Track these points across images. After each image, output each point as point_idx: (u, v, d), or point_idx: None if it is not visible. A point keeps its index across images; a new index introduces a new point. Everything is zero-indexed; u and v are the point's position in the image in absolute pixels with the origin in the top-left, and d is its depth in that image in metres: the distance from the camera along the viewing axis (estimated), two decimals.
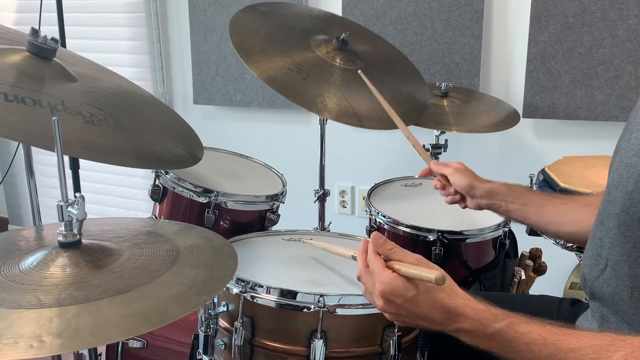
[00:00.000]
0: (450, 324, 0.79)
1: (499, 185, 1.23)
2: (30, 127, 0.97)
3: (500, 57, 2.05)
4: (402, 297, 0.80)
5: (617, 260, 0.86)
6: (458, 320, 0.79)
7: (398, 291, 0.80)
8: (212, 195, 1.44)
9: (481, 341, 0.78)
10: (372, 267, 0.84)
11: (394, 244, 0.84)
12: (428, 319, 0.80)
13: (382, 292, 0.81)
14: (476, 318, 0.78)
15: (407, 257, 0.82)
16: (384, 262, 0.83)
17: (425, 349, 1.16)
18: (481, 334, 0.78)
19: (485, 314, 0.78)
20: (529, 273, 1.59)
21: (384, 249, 0.84)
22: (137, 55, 2.55)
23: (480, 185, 1.23)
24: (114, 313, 0.74)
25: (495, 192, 1.22)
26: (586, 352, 0.72)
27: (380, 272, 0.81)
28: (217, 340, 1.11)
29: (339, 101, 1.47)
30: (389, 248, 0.84)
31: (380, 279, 0.81)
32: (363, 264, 0.86)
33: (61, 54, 1.20)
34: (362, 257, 0.87)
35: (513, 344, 0.77)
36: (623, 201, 0.84)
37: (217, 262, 0.91)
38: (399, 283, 0.79)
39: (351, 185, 2.39)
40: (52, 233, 0.90)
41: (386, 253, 0.84)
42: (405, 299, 0.79)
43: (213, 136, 1.73)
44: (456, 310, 0.79)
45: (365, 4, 2.12)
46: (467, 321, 0.78)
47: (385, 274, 0.81)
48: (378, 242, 0.84)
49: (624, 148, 0.88)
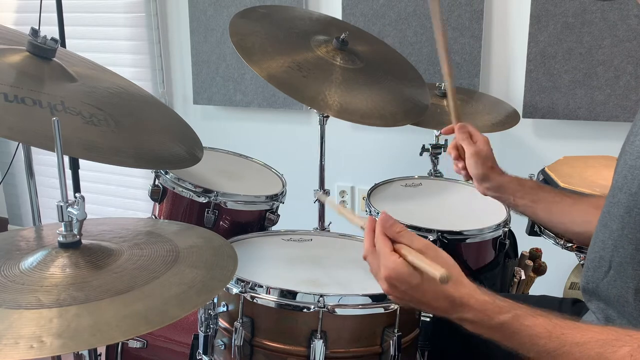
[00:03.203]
0: (454, 312, 0.79)
1: (510, 180, 1.22)
2: (30, 127, 0.97)
3: (500, 57, 2.05)
4: (406, 283, 0.79)
5: (621, 262, 0.85)
6: (462, 310, 0.78)
7: (403, 277, 0.78)
8: (212, 195, 1.44)
9: (485, 331, 0.78)
10: (379, 248, 0.82)
11: (402, 226, 0.83)
12: (432, 306, 0.80)
13: (387, 277, 0.80)
14: (481, 309, 0.77)
15: (415, 242, 0.81)
16: (391, 245, 0.81)
17: (425, 349, 1.16)
18: (485, 325, 0.77)
19: (490, 305, 0.78)
20: (529, 273, 1.59)
21: (392, 231, 0.82)
22: (137, 56, 2.55)
23: (492, 178, 1.21)
24: (114, 313, 0.74)
25: (504, 187, 1.21)
26: (591, 346, 0.72)
27: (386, 255, 0.80)
28: (217, 341, 1.11)
29: (339, 98, 1.48)
30: (397, 231, 0.82)
31: (386, 264, 0.80)
32: (370, 243, 0.84)
33: (61, 54, 1.20)
34: (369, 236, 0.85)
35: (517, 336, 0.76)
36: (627, 203, 0.84)
37: (217, 262, 0.91)
38: (404, 269, 0.78)
39: (351, 185, 2.39)
40: (52, 233, 0.90)
41: (394, 235, 0.82)
42: (410, 285, 0.79)
43: (213, 136, 1.72)
44: (461, 300, 0.78)
45: (365, 4, 2.12)
46: (471, 312, 0.78)
47: (392, 259, 0.79)
48: (387, 223, 0.82)
49: (629, 150, 0.88)
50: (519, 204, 1.21)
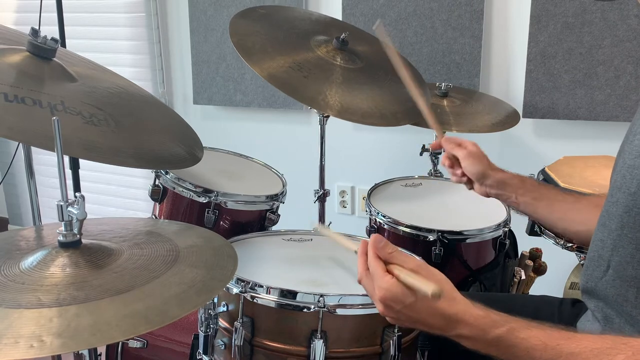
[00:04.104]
0: (450, 330, 0.79)
1: (511, 177, 1.20)
2: (30, 127, 0.97)
3: (500, 57, 2.05)
4: (401, 303, 0.79)
5: (620, 262, 0.85)
6: (458, 327, 0.79)
7: (397, 297, 0.79)
8: (212, 195, 1.44)
9: (481, 347, 0.78)
10: (372, 271, 0.83)
11: (394, 247, 0.83)
12: (427, 324, 0.80)
13: (382, 298, 0.80)
14: (476, 325, 0.78)
15: (407, 262, 0.82)
16: (384, 266, 0.82)
17: (425, 349, 1.16)
18: (481, 340, 0.78)
19: (485, 320, 0.78)
20: (529, 273, 1.59)
21: (385, 252, 0.83)
22: (137, 55, 2.55)
23: (492, 175, 1.20)
24: (114, 313, 0.74)
25: (506, 183, 1.19)
26: (587, 355, 0.72)
27: (380, 277, 0.81)
28: (217, 340, 1.11)
29: (340, 98, 1.48)
30: (389, 252, 0.83)
31: (380, 285, 0.80)
32: (363, 266, 0.85)
33: (61, 54, 1.20)
34: (361, 259, 0.86)
35: (513, 350, 0.76)
36: (626, 202, 0.84)
37: (217, 262, 0.91)
38: (398, 289, 0.79)
39: (351, 185, 2.39)
40: (52, 233, 0.90)
41: (387, 257, 0.83)
42: (404, 305, 0.79)
43: (213, 136, 1.73)
44: (456, 317, 0.78)
45: (365, 4, 2.12)
46: (466, 328, 0.78)
47: (385, 280, 0.80)
48: (379, 245, 0.83)
49: (628, 150, 0.88)
50: (520, 202, 1.19)
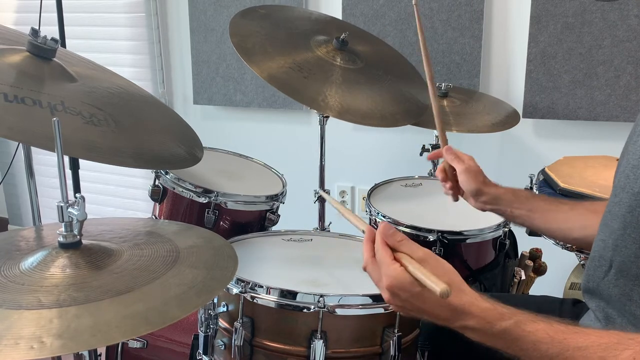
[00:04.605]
0: (456, 321, 0.79)
1: (505, 192, 1.21)
2: (30, 127, 0.97)
3: (500, 57, 2.05)
4: (408, 292, 0.79)
5: (623, 262, 0.85)
6: (464, 318, 0.78)
7: (404, 286, 0.78)
8: (212, 196, 1.44)
9: (487, 339, 0.78)
10: (379, 258, 0.82)
11: (403, 235, 0.82)
12: (434, 314, 0.80)
13: (389, 286, 0.79)
14: (482, 317, 0.77)
15: (416, 251, 0.81)
16: (392, 253, 0.81)
17: (425, 349, 1.16)
18: (487, 332, 0.77)
19: (492, 312, 0.77)
20: (529, 273, 1.59)
21: (393, 240, 0.82)
22: (137, 56, 2.55)
23: (486, 191, 1.21)
24: (114, 314, 0.74)
25: (500, 198, 1.21)
26: (594, 350, 0.72)
27: (387, 265, 0.80)
28: (217, 341, 1.11)
29: (340, 99, 1.48)
30: (398, 240, 0.82)
31: (388, 273, 0.80)
32: (369, 253, 0.84)
33: (61, 54, 1.20)
34: (368, 246, 0.85)
35: (520, 343, 0.76)
36: (629, 202, 0.84)
37: (217, 263, 0.91)
38: (406, 278, 0.78)
39: (351, 185, 2.39)
40: (52, 233, 0.90)
41: (395, 244, 0.82)
42: (411, 294, 0.79)
43: (213, 136, 1.72)
44: (462, 308, 0.78)
45: (365, 4, 2.12)
46: (473, 319, 0.78)
47: (393, 268, 0.79)
48: (387, 232, 0.82)
49: (631, 150, 0.88)
50: (516, 215, 1.20)
